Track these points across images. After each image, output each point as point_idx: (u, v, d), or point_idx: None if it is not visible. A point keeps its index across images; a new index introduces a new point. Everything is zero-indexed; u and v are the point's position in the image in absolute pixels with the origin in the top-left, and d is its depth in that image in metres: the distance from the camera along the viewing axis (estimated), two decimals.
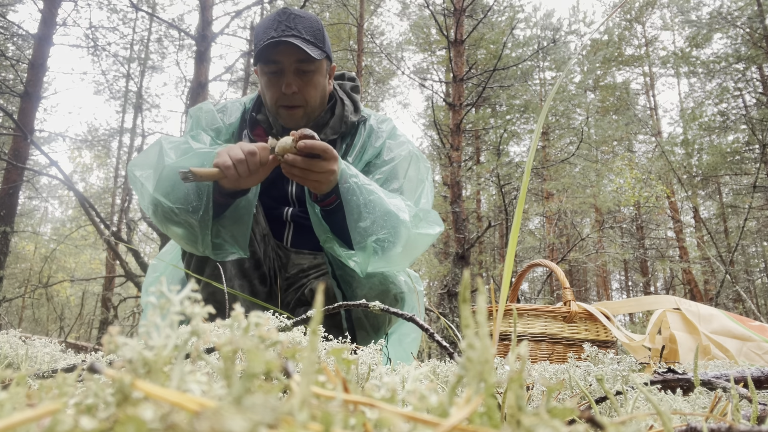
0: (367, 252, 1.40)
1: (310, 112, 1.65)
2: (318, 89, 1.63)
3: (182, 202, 1.37)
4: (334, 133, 1.71)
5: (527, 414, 0.23)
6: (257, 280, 1.57)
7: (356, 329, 1.54)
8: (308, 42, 1.53)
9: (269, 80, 1.59)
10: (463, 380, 0.25)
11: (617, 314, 1.99)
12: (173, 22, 10.98)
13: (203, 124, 1.68)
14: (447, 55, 9.18)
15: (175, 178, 1.36)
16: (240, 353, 0.26)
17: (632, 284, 20.32)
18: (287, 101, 1.60)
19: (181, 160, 1.38)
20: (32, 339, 1.05)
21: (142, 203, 1.49)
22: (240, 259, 1.53)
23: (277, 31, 1.51)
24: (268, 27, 1.53)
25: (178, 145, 1.45)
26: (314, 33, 1.56)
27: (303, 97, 1.60)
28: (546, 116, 1.38)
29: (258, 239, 1.59)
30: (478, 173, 12.39)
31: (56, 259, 14.75)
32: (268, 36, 1.51)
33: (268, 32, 1.52)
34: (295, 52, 1.53)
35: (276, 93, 1.59)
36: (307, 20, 1.56)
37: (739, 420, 0.50)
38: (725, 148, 12.98)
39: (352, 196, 1.39)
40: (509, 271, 0.64)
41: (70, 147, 17.96)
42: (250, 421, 0.19)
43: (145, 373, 0.26)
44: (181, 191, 1.37)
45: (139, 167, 1.46)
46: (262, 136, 1.73)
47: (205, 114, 1.70)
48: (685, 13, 14.46)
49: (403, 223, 1.41)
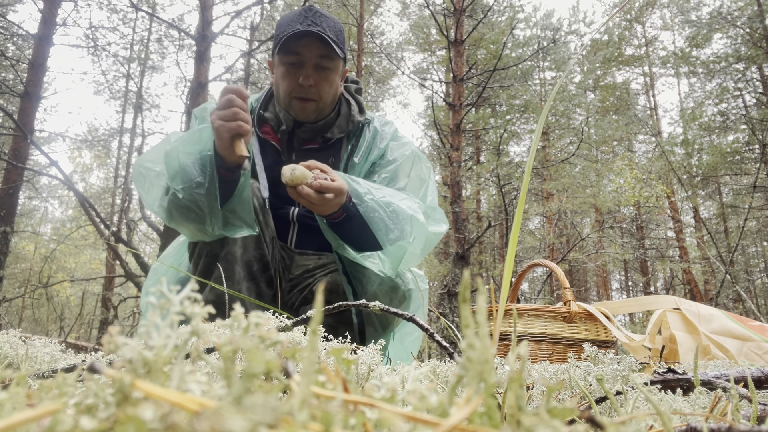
0: (397, 256, 1.46)
1: (321, 108, 1.68)
2: (332, 87, 1.66)
3: (187, 181, 1.39)
4: (341, 132, 1.74)
5: (527, 414, 0.23)
6: (264, 283, 1.57)
7: (365, 325, 1.55)
8: (331, 40, 1.57)
9: (287, 71, 1.62)
10: (463, 380, 0.25)
11: (617, 314, 1.99)
12: (173, 22, 10.98)
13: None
14: (447, 55, 9.19)
15: (179, 160, 1.39)
16: (240, 353, 0.26)
17: (632, 284, 20.32)
18: (302, 93, 1.63)
19: (179, 140, 1.40)
20: (32, 339, 1.05)
21: (148, 200, 1.49)
22: (249, 261, 1.53)
23: (303, 24, 1.55)
24: (293, 20, 1.57)
25: (186, 135, 1.47)
26: (336, 33, 1.61)
27: (318, 92, 1.63)
28: (546, 116, 1.39)
29: (267, 241, 1.59)
30: (478, 173, 12.39)
31: (56, 259, 14.75)
32: (293, 28, 1.55)
33: (293, 25, 1.56)
34: (318, 46, 1.57)
35: (292, 84, 1.62)
36: (331, 20, 1.61)
37: (739, 420, 0.50)
38: (725, 148, 12.98)
39: (374, 213, 1.43)
40: (509, 271, 0.64)
41: (70, 147, 17.96)
42: (250, 421, 0.19)
43: (145, 373, 0.26)
44: (187, 172, 1.39)
45: (150, 161, 1.48)
46: (269, 133, 1.74)
47: (208, 114, 1.69)
48: (685, 13, 14.45)
49: (422, 225, 1.48)
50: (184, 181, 1.38)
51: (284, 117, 1.69)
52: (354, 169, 1.72)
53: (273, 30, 12.11)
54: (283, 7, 12.81)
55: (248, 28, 11.74)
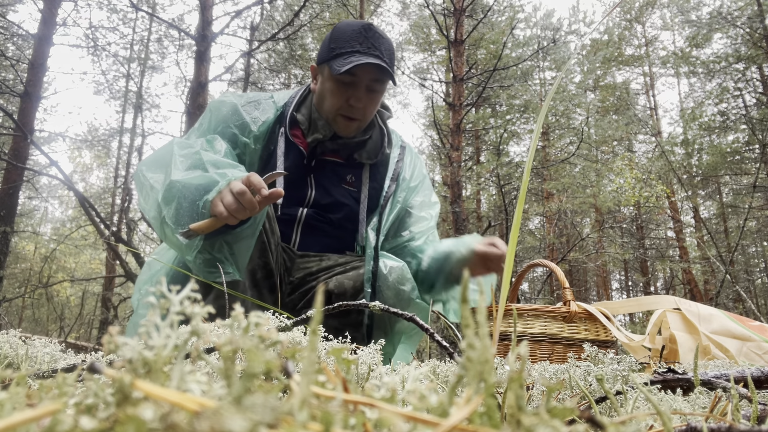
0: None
1: (362, 126, 1.72)
2: (377, 107, 1.70)
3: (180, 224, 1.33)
4: (368, 158, 1.77)
5: (527, 414, 0.23)
6: (266, 290, 1.55)
7: (374, 329, 1.55)
8: (387, 65, 1.59)
9: (338, 88, 1.62)
10: (463, 380, 0.25)
11: (617, 314, 1.99)
12: (173, 22, 10.98)
13: (226, 120, 1.63)
14: (447, 55, 9.18)
15: (177, 194, 1.33)
16: (240, 353, 0.26)
17: (632, 284, 20.31)
18: (350, 112, 1.64)
19: (187, 180, 1.33)
20: (32, 339, 1.05)
21: (145, 207, 1.45)
22: (253, 270, 1.49)
23: (363, 46, 1.56)
24: (352, 38, 1.57)
25: (190, 153, 1.41)
26: (390, 56, 1.62)
27: (364, 112, 1.66)
28: (546, 116, 1.40)
29: (272, 249, 1.56)
30: (478, 173, 12.39)
31: (56, 259, 14.74)
32: (351, 47, 1.56)
33: (352, 44, 1.56)
34: (374, 70, 1.58)
35: (340, 101, 1.62)
36: (386, 42, 1.62)
37: (739, 420, 0.50)
38: (725, 148, 12.98)
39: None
40: (509, 271, 0.64)
41: (70, 147, 17.96)
42: (250, 421, 0.19)
43: (145, 373, 0.26)
44: (183, 214, 1.32)
45: (150, 169, 1.45)
46: (299, 137, 1.72)
47: (226, 109, 1.65)
48: (685, 13, 14.45)
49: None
50: (175, 223, 1.33)
51: (323, 127, 1.69)
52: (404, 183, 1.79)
53: (273, 30, 12.11)
54: (283, 7, 12.80)
55: (248, 28, 11.72)
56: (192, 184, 1.33)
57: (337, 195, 1.74)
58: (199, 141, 1.53)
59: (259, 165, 1.69)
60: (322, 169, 1.74)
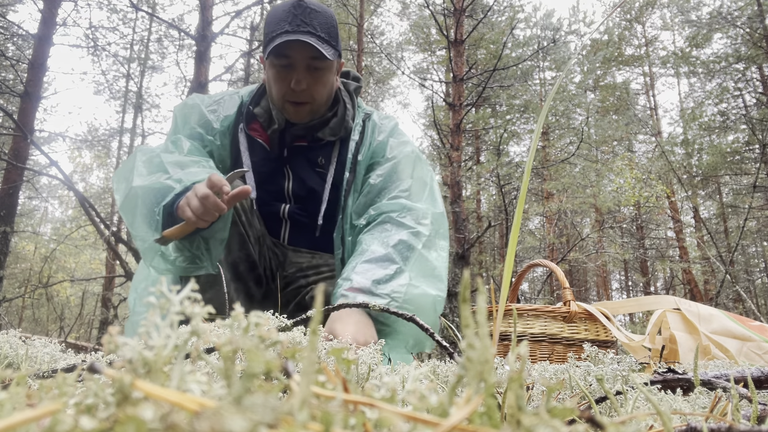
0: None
1: (316, 109, 1.63)
2: (327, 87, 1.60)
3: (143, 232, 1.35)
4: (332, 134, 1.69)
5: (527, 414, 0.23)
6: (252, 282, 1.56)
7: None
8: (323, 40, 1.50)
9: (278, 73, 1.55)
10: (463, 380, 0.25)
11: (617, 314, 1.99)
12: (173, 22, 10.98)
13: (191, 122, 1.63)
14: (447, 55, 9.18)
15: (137, 201, 1.34)
16: (240, 353, 0.26)
17: (632, 284, 20.31)
18: (295, 97, 1.57)
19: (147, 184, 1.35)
20: (32, 339, 1.05)
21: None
22: (234, 262, 1.50)
23: (292, 24, 1.47)
24: (281, 18, 1.49)
25: (151, 158, 1.42)
26: (328, 30, 1.52)
27: (311, 94, 1.57)
28: (546, 116, 1.39)
29: (252, 241, 1.56)
30: (478, 173, 12.39)
31: (56, 259, 14.74)
32: (281, 28, 1.47)
33: (282, 24, 1.48)
34: (308, 49, 1.49)
35: (284, 88, 1.55)
36: (322, 15, 1.52)
37: (739, 420, 0.50)
38: (725, 148, 12.98)
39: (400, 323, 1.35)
40: (509, 271, 0.64)
41: (70, 147, 17.95)
42: (250, 421, 0.19)
43: (145, 373, 0.26)
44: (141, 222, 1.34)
45: (118, 180, 1.45)
46: (258, 131, 1.69)
47: (189, 110, 1.65)
48: (685, 13, 14.45)
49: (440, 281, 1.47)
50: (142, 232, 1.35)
51: (277, 116, 1.64)
52: (360, 166, 1.67)
53: None
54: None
55: (248, 28, 11.72)
56: (153, 188, 1.34)
57: (312, 183, 1.68)
58: (162, 145, 1.53)
59: (230, 162, 1.68)
60: (297, 156, 1.69)
